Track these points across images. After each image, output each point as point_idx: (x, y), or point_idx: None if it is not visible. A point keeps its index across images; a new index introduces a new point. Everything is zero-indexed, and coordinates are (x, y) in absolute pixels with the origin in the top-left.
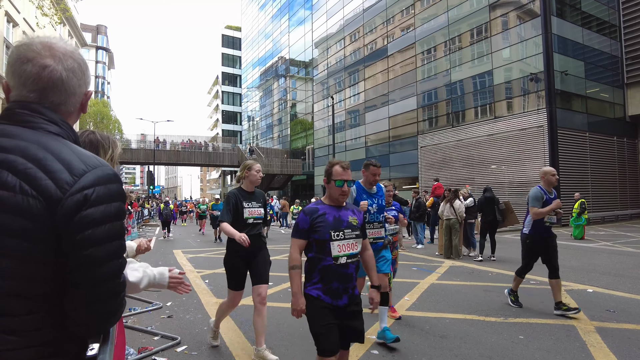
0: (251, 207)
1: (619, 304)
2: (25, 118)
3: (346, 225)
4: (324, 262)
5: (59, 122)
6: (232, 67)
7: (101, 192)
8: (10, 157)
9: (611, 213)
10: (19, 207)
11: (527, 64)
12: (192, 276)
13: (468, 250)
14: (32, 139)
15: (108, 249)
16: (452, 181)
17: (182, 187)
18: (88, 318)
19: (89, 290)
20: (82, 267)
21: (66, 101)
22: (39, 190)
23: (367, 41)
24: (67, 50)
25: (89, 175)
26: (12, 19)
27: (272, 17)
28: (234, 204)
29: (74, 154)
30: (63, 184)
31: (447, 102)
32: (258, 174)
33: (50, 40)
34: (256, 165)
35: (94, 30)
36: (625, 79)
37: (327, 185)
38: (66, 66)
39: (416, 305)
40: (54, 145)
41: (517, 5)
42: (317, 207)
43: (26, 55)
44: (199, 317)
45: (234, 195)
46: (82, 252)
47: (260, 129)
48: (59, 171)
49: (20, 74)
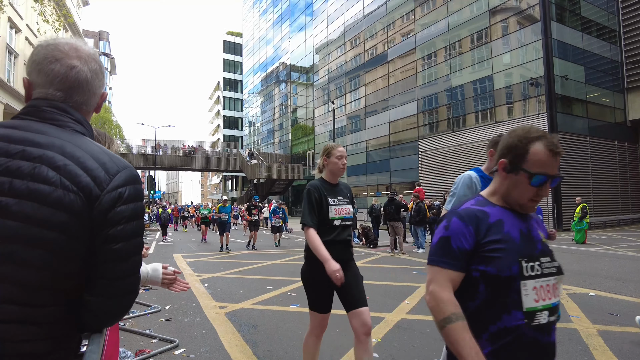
0: (338, 204)
1: (621, 308)
2: (54, 116)
3: (541, 250)
4: (505, 321)
5: (83, 122)
6: (233, 73)
7: (132, 191)
8: (49, 153)
9: (613, 217)
10: (61, 201)
11: (528, 69)
12: (192, 280)
13: None
14: (65, 138)
15: (134, 244)
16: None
17: (183, 192)
18: (106, 309)
19: (113, 282)
20: (110, 260)
21: (88, 101)
22: (79, 186)
23: (368, 47)
24: (90, 53)
25: (122, 174)
26: (15, 24)
27: (273, 23)
28: (317, 200)
29: (105, 154)
30: (101, 182)
31: (447, 107)
32: (340, 161)
33: (76, 42)
34: (338, 148)
35: (96, 37)
36: (626, 83)
37: (508, 176)
38: (90, 67)
39: (416, 308)
40: (86, 145)
41: (517, 10)
42: (484, 210)
43: (54, 55)
44: (198, 320)
45: (316, 189)
46: (113, 246)
47: (261, 134)
48: (96, 169)
49: (47, 72)
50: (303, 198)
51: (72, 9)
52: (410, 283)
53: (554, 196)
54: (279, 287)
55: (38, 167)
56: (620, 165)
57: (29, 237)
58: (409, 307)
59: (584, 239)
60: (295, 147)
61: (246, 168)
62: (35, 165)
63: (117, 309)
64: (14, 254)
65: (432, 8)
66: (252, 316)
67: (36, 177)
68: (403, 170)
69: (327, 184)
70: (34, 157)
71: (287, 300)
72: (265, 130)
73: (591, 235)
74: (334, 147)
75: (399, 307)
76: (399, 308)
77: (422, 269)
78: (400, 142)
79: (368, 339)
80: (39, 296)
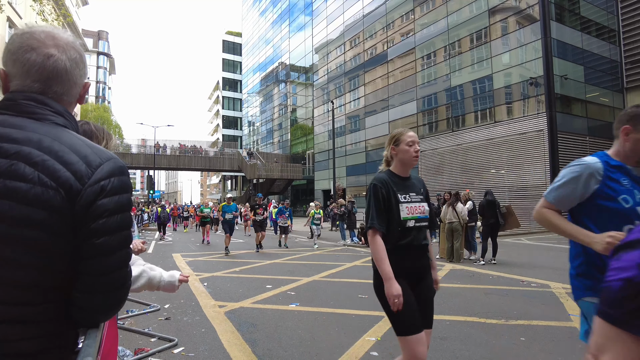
0: (410, 201)
1: None
2: (32, 109)
3: None
4: None
5: (64, 114)
6: (233, 73)
7: (115, 183)
8: (25, 149)
9: None
10: (39, 198)
11: (527, 69)
12: (191, 279)
13: (469, 254)
14: (42, 131)
15: (119, 238)
16: (452, 185)
17: (182, 192)
18: (94, 305)
19: (98, 278)
20: (94, 255)
21: (68, 91)
22: (58, 182)
23: (367, 46)
24: (69, 41)
25: (104, 166)
26: (14, 23)
27: (272, 22)
28: (384, 197)
29: (87, 146)
30: (82, 176)
31: (446, 107)
32: (412, 148)
33: (53, 30)
34: (408, 134)
35: (95, 36)
36: (625, 83)
37: None
38: (69, 56)
39: None
40: (67, 138)
41: (516, 10)
42: None
43: (29, 43)
44: (197, 319)
45: (384, 184)
46: (95, 241)
47: (260, 134)
48: (76, 163)
49: (23, 62)
50: (367, 195)
51: (71, 8)
52: None
53: None
54: (278, 286)
55: (15, 164)
56: None
57: (10, 237)
58: None
59: None
60: (294, 146)
61: (245, 168)
62: (12, 162)
63: (105, 305)
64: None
65: (431, 8)
66: (252, 315)
67: (13, 174)
68: None
69: (397, 177)
70: (10, 153)
71: (287, 299)
72: (264, 130)
73: None
74: (403, 133)
75: None
76: None
77: None
78: None
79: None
80: (29, 295)
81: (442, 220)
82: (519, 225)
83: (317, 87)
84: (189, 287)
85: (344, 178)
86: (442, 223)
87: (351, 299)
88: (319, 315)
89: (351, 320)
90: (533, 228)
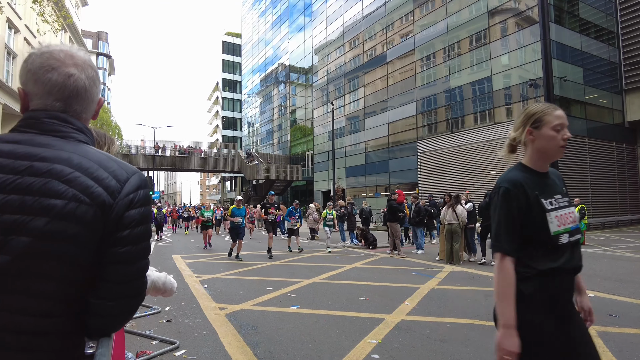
0: (558, 207)
1: (620, 309)
2: (56, 127)
3: None
4: None
5: (84, 131)
6: (232, 74)
7: (142, 195)
8: (57, 166)
9: (611, 219)
10: (74, 214)
11: (526, 70)
12: (191, 281)
13: (469, 256)
14: (70, 149)
15: (140, 248)
16: (451, 187)
17: (181, 192)
18: (110, 312)
19: (118, 285)
20: (116, 263)
21: (86, 109)
22: (92, 197)
23: (367, 48)
24: (86, 60)
25: (131, 180)
26: (14, 25)
27: (272, 23)
28: (521, 208)
29: (113, 161)
30: (113, 191)
31: (446, 108)
32: (560, 135)
33: (70, 48)
34: (555, 113)
35: (95, 37)
36: (624, 84)
37: None
38: (88, 75)
39: (416, 310)
40: (93, 154)
41: (516, 12)
42: None
43: (50, 63)
44: (198, 321)
45: (520, 188)
46: (120, 250)
47: (260, 135)
48: (106, 179)
49: (45, 82)
50: (494, 204)
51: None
52: (410, 284)
53: None
54: (279, 288)
55: (49, 182)
56: (619, 167)
57: (43, 252)
58: (408, 308)
59: (583, 240)
60: (294, 147)
61: (245, 169)
62: (46, 180)
63: (122, 313)
64: (29, 268)
65: (431, 9)
66: (253, 317)
67: (47, 192)
68: (402, 171)
69: (534, 174)
70: (43, 172)
71: (288, 302)
72: (264, 131)
73: (590, 236)
74: (548, 112)
75: (398, 309)
76: (398, 309)
77: (422, 270)
78: (399, 143)
79: None
80: (54, 306)
81: (441, 222)
82: None
83: (317, 88)
84: (189, 289)
85: (343, 179)
86: (442, 225)
87: (352, 302)
88: (320, 318)
89: (352, 323)
90: None
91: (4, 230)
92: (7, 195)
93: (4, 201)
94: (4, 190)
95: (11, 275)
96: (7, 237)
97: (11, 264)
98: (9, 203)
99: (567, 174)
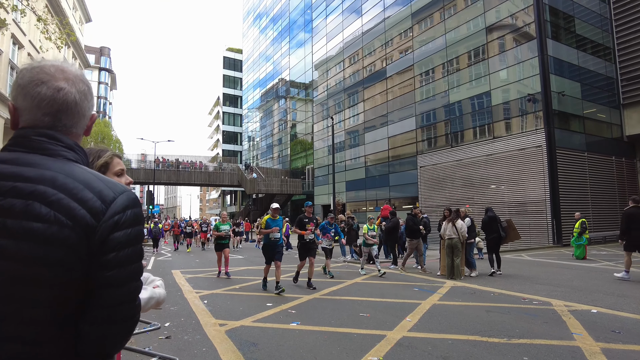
0: None
1: (624, 325)
2: (44, 145)
3: None
4: None
5: (74, 148)
6: (233, 89)
7: (129, 216)
8: (40, 187)
9: (612, 233)
10: (56, 238)
11: (525, 85)
12: (191, 296)
13: (469, 271)
14: (56, 168)
15: (129, 270)
16: (452, 201)
17: (181, 206)
18: (102, 338)
19: (107, 310)
20: (104, 287)
21: (77, 124)
22: (74, 220)
23: (366, 63)
24: (77, 74)
25: (118, 200)
26: (18, 41)
27: (272, 40)
28: None
29: (100, 181)
30: (97, 212)
31: (445, 123)
32: None
33: (62, 63)
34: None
35: (97, 52)
36: (622, 99)
37: None
38: (78, 89)
39: (418, 326)
40: (80, 173)
41: (513, 28)
42: None
43: (40, 77)
44: (198, 338)
45: None
46: (106, 273)
47: (260, 149)
48: (91, 200)
49: (34, 96)
50: None
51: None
52: (411, 300)
53: (553, 211)
54: (279, 304)
55: (30, 204)
56: (619, 181)
57: (29, 277)
58: (410, 324)
59: (584, 255)
60: (294, 162)
61: (245, 183)
62: (28, 202)
63: (114, 337)
64: (15, 293)
65: (429, 25)
66: (253, 334)
67: (29, 215)
68: (402, 185)
69: None
70: (26, 193)
71: (288, 318)
72: (264, 145)
73: (591, 251)
74: None
75: (400, 325)
76: (400, 325)
77: (423, 285)
78: (399, 157)
79: None
80: (43, 332)
81: (442, 237)
82: (519, 237)
83: (317, 103)
84: (189, 305)
85: (343, 193)
86: (442, 240)
87: (353, 318)
88: (321, 335)
89: (353, 340)
90: (533, 244)
91: None
92: None
93: None
94: None
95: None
96: None
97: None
98: None
99: (566, 188)
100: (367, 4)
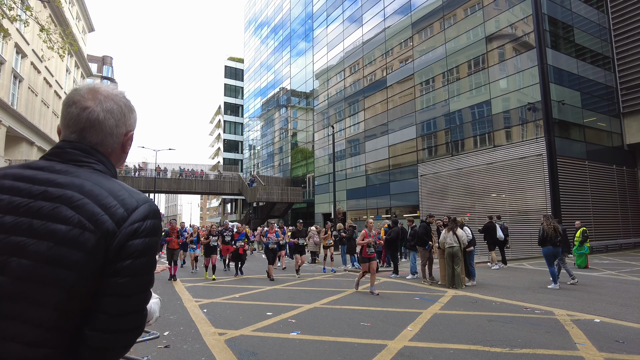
0: None
1: (628, 335)
2: (76, 157)
3: None
4: None
5: (105, 162)
6: (234, 97)
7: (148, 225)
8: (68, 192)
9: (614, 242)
10: (76, 240)
11: (525, 94)
12: (190, 305)
13: (468, 280)
14: (85, 176)
15: (141, 280)
16: (453, 209)
17: (182, 215)
18: (106, 345)
19: (114, 318)
20: (114, 294)
21: (103, 141)
22: (96, 224)
23: (367, 72)
24: (109, 93)
25: (140, 209)
26: (22, 50)
27: (273, 49)
28: None
29: (125, 190)
30: (119, 219)
31: (446, 132)
32: None
33: (97, 85)
34: None
35: (100, 61)
36: (622, 108)
37: None
38: (105, 107)
39: (419, 335)
40: (106, 183)
41: (513, 37)
42: None
43: (73, 98)
44: (197, 347)
45: None
46: (119, 280)
47: (261, 158)
48: (114, 207)
49: (65, 115)
50: None
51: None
52: (412, 309)
53: None
54: (279, 313)
55: (57, 207)
56: (620, 189)
57: (43, 276)
58: (411, 334)
59: (586, 264)
60: (295, 170)
61: (245, 191)
62: (55, 205)
63: (116, 346)
64: (27, 292)
65: (430, 35)
66: (252, 343)
67: (55, 217)
68: (403, 193)
69: None
70: (54, 197)
71: (288, 327)
72: (265, 154)
73: (593, 259)
74: None
75: (401, 334)
76: (401, 335)
77: (424, 294)
78: (399, 166)
79: None
80: (49, 335)
81: (441, 245)
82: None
83: (318, 111)
84: (188, 314)
85: (344, 202)
86: (441, 249)
87: (353, 327)
88: (321, 344)
89: (354, 349)
90: (535, 253)
91: (6, 251)
92: (18, 217)
93: (14, 223)
94: (17, 213)
95: (7, 298)
96: (8, 258)
97: (9, 287)
98: (18, 225)
99: (568, 196)
100: (367, 14)
